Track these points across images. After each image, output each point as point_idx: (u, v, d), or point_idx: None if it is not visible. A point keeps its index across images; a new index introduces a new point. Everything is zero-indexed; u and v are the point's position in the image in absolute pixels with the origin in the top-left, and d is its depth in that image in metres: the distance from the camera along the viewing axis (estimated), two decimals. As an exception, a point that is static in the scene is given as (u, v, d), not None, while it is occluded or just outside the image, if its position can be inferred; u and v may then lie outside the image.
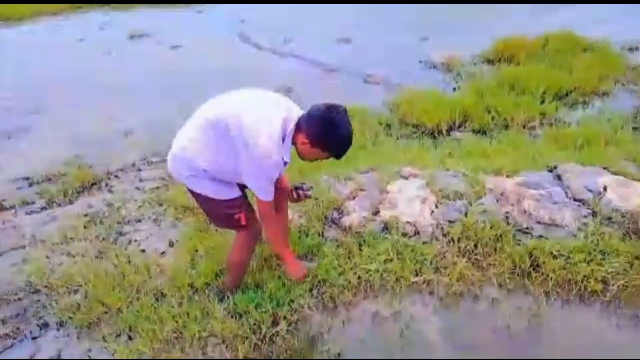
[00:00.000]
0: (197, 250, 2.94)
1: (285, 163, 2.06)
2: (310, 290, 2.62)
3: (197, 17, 10.51)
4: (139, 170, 4.21)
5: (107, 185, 4.01)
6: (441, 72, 6.30)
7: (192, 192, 2.26)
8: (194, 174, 2.14)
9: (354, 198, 3.16)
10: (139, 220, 3.44)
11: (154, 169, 4.20)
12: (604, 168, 3.12)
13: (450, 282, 2.66)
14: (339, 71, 6.59)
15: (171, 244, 3.13)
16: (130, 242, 3.21)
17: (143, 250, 3.10)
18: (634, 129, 4.19)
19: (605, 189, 2.93)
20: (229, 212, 2.26)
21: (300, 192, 2.46)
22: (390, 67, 6.49)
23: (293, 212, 3.12)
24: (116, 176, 4.15)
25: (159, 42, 8.63)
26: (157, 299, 2.63)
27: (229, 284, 2.58)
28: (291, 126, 2.02)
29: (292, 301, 2.52)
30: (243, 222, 2.32)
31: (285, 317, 2.45)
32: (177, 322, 2.45)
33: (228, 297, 2.55)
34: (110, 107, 5.69)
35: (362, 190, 3.23)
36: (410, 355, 2.33)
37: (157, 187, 3.87)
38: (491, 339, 2.39)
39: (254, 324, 2.41)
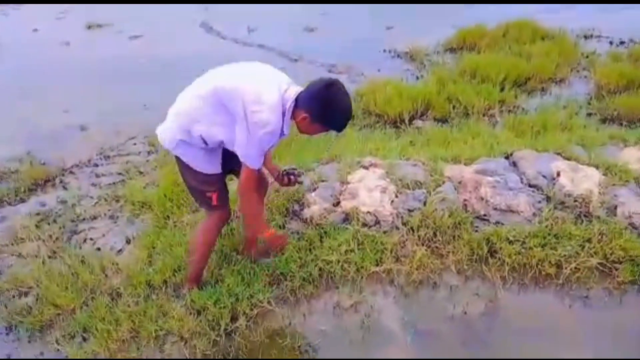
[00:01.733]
0: (154, 247, 2.87)
1: (282, 134, 2.10)
2: (271, 284, 2.60)
3: (158, 6, 10.20)
4: (96, 165, 4.07)
5: (61, 182, 3.87)
6: (405, 62, 6.32)
7: (177, 158, 2.28)
8: (186, 139, 2.15)
9: (314, 189, 3.14)
10: (95, 218, 3.33)
11: (111, 164, 4.08)
12: (558, 154, 3.19)
13: (410, 270, 2.68)
14: (304, 61, 6.53)
15: (128, 241, 3.05)
16: (85, 240, 3.11)
17: (99, 249, 3.01)
18: (588, 114, 4.32)
19: (558, 174, 3.01)
20: (203, 188, 2.28)
21: (292, 177, 2.51)
22: (354, 57, 6.47)
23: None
24: (71, 172, 4.01)
25: (118, 32, 8.35)
26: (112, 299, 2.56)
27: (190, 273, 2.52)
28: (290, 101, 2.06)
29: (252, 296, 2.50)
30: (214, 202, 2.32)
31: (244, 313, 2.43)
32: (133, 321, 2.39)
33: (188, 292, 2.50)
34: (65, 100, 5.47)
35: (323, 181, 3.22)
36: (370, 344, 2.35)
37: (114, 183, 3.76)
38: (448, 325, 2.42)
39: (213, 320, 2.38)
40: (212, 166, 2.27)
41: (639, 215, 2.74)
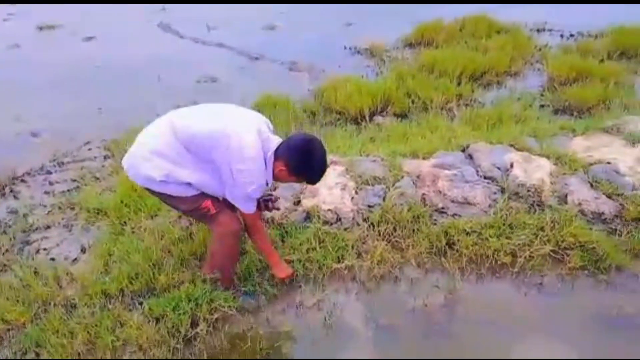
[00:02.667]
0: (111, 255, 2.79)
1: (267, 184, 2.20)
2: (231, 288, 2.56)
3: (113, 7, 9.90)
4: (49, 172, 3.91)
5: (12, 191, 3.69)
6: (365, 58, 6.35)
7: (153, 192, 2.26)
8: (168, 180, 2.15)
9: (275, 189, 3.12)
10: (48, 227, 3.20)
11: (66, 171, 3.93)
12: (511, 145, 3.28)
13: (372, 266, 2.70)
14: (264, 59, 6.47)
15: (83, 250, 2.95)
16: (38, 251, 2.99)
17: (52, 259, 2.90)
18: (541, 106, 4.45)
19: (512, 165, 3.09)
20: (195, 205, 2.26)
21: (270, 204, 2.55)
22: (315, 54, 6.45)
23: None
24: (23, 180, 3.83)
25: (72, 33, 8.06)
26: (67, 311, 2.47)
27: (224, 282, 2.51)
28: (270, 152, 2.15)
29: (212, 301, 2.45)
30: (212, 211, 2.29)
31: (205, 318, 2.38)
32: (89, 332, 2.31)
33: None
34: (15, 105, 5.23)
35: (283, 180, 3.19)
36: (333, 341, 2.35)
37: (69, 190, 3.62)
38: (409, 318, 2.45)
39: (172, 327, 2.33)
40: (193, 189, 2.23)
41: (588, 203, 2.85)
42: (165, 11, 9.06)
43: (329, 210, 2.96)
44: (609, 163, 3.03)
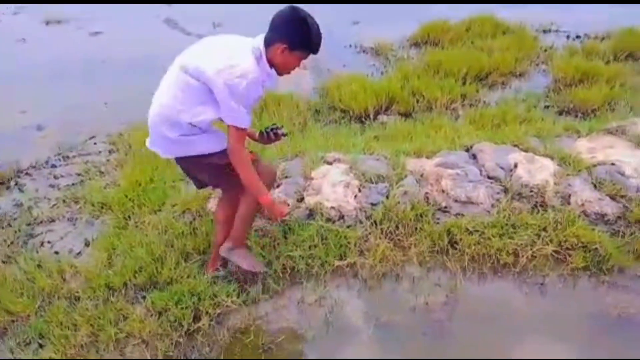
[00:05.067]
0: (114, 249, 2.81)
1: (263, 84, 2.07)
2: (234, 282, 2.58)
3: (120, 2, 9.93)
4: (53, 166, 3.94)
5: (17, 184, 3.72)
6: (370, 57, 6.34)
7: (183, 160, 2.26)
8: (182, 132, 2.12)
9: (278, 186, 3.13)
10: (53, 220, 3.23)
11: (70, 165, 3.95)
12: (515, 146, 3.28)
13: (374, 264, 2.71)
14: (269, 57, 6.47)
15: (87, 244, 2.97)
16: (42, 244, 3.02)
17: (56, 252, 2.92)
18: (546, 107, 4.44)
19: (515, 165, 3.09)
20: (227, 160, 2.16)
21: (278, 132, 2.47)
22: (320, 52, 6.40)
23: (217, 203, 3.05)
24: (27, 174, 3.86)
25: (78, 27, 8.09)
26: (71, 303, 2.49)
27: (237, 240, 2.46)
28: (260, 47, 2.06)
29: (215, 295, 2.47)
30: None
31: (207, 312, 2.40)
32: (92, 325, 2.34)
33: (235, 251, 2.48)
34: (22, 99, 5.25)
35: (286, 177, 3.21)
36: (334, 338, 2.37)
37: (73, 184, 3.65)
38: (410, 316, 2.46)
39: (175, 321, 2.35)
40: (221, 142, 2.19)
41: (591, 203, 2.84)
42: (172, 8, 9.07)
43: (332, 207, 2.97)
44: (613, 164, 3.02)
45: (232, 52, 2.05)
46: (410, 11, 7.97)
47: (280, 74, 2.17)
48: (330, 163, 3.34)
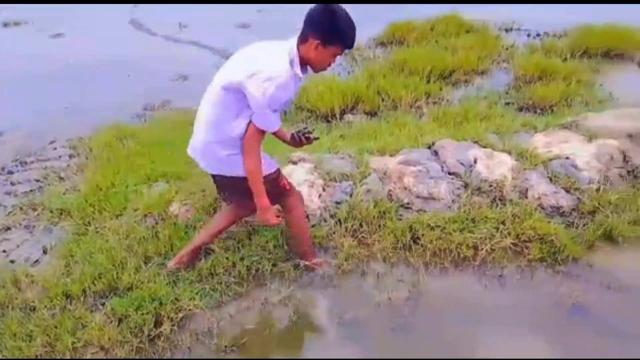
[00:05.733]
0: (73, 256, 2.74)
1: (298, 80, 2.10)
2: (198, 285, 2.55)
3: (83, 2, 9.71)
4: (10, 172, 3.82)
5: (-29, 192, 3.60)
6: (338, 57, 6.37)
7: (224, 177, 2.30)
8: (231, 151, 2.19)
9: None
10: (9, 229, 3.13)
11: (29, 170, 3.84)
12: (475, 142, 3.35)
13: (339, 262, 2.72)
14: (236, 58, 6.43)
15: (45, 251, 2.89)
16: (-3, 253, 2.92)
17: (12, 261, 2.83)
18: (506, 104, 4.55)
19: (475, 161, 3.16)
20: (276, 183, 2.32)
21: (310, 135, 2.52)
22: (288, 53, 6.44)
23: (179, 206, 3.02)
24: (-17, 182, 3.74)
25: (39, 30, 7.88)
26: (25, 314, 2.41)
27: (311, 253, 2.64)
28: (294, 47, 2.07)
29: (177, 299, 2.44)
30: (288, 187, 2.45)
31: (169, 317, 2.37)
32: (48, 335, 2.27)
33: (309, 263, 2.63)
34: (-23, 104, 5.10)
35: (250, 178, 3.19)
36: (298, 337, 2.37)
37: (31, 190, 3.54)
38: (374, 312, 2.48)
39: (135, 327, 2.30)
40: (270, 164, 2.31)
41: (547, 197, 2.93)
42: (137, 9, 8.92)
43: (296, 207, 2.97)
44: (567, 158, 3.12)
45: (263, 57, 2.08)
46: (376, 12, 8.05)
47: (315, 70, 2.17)
48: (295, 163, 3.34)
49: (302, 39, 2.06)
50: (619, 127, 3.34)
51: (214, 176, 2.41)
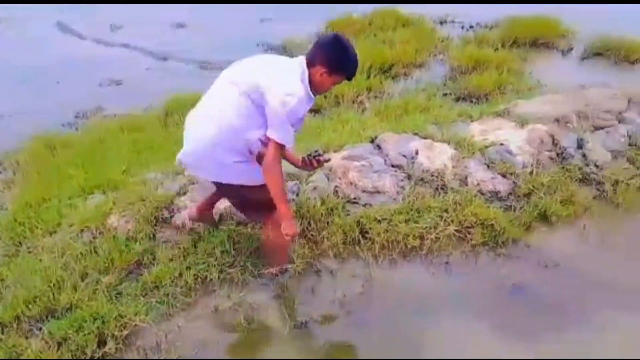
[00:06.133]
0: (3, 280, 2.56)
1: (310, 100, 2.21)
2: (143, 298, 2.45)
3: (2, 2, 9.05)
4: None
5: None
6: (280, 54, 6.31)
7: (230, 187, 2.32)
8: (238, 158, 2.20)
9: (184, 193, 3.03)
10: None
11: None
12: (415, 134, 3.43)
13: (288, 263, 2.70)
14: (173, 59, 6.25)
15: (-28, 277, 2.67)
16: None
17: None
18: (444, 94, 4.69)
19: (416, 153, 3.23)
20: (267, 195, 2.26)
21: (321, 158, 2.58)
22: (229, 52, 6.21)
23: (118, 218, 2.89)
24: None
25: (-48, 36, 7.28)
26: (-48, 349, 2.23)
27: (283, 261, 2.59)
28: (304, 68, 2.18)
29: (121, 316, 2.33)
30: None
31: (113, 335, 2.26)
32: (-22, 368, 2.11)
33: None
34: None
35: (193, 183, 3.10)
36: (251, 343, 2.33)
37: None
38: (328, 311, 2.48)
39: (77, 349, 2.18)
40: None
41: (485, 183, 3.05)
42: (63, 11, 8.42)
43: (243, 210, 2.92)
44: (502, 144, 3.26)
45: (280, 70, 2.19)
46: (316, 8, 8.05)
47: (315, 93, 2.27)
48: (238, 165, 3.27)
49: (311, 63, 2.19)
50: (547, 112, 3.53)
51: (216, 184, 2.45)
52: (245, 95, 2.15)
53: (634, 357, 2.17)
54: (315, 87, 2.23)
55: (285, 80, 2.14)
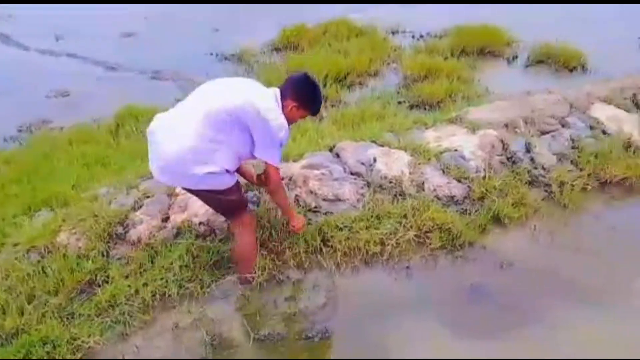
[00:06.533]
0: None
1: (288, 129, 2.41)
2: (97, 319, 2.34)
3: None
4: None
5: None
6: (233, 64, 6.28)
7: (199, 191, 2.39)
8: (214, 170, 2.26)
9: (139, 207, 2.92)
10: None
11: None
12: (373, 141, 3.47)
13: (253, 274, 2.66)
14: (123, 69, 6.06)
15: None
16: None
17: None
18: (399, 102, 4.80)
19: (374, 160, 3.27)
20: (236, 196, 2.43)
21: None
22: (180, 62, 6.21)
23: (68, 236, 2.75)
24: None
25: None
26: None
27: (246, 272, 2.60)
28: (280, 102, 2.38)
29: (74, 339, 2.22)
30: (245, 202, 2.59)
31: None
32: None
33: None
34: None
35: (148, 197, 3.01)
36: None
37: None
38: (291, 322, 2.46)
39: (25, 377, 2.05)
40: (232, 177, 2.40)
41: (441, 188, 3.12)
42: (3, 21, 8.00)
43: (202, 223, 2.86)
44: (456, 150, 3.36)
45: (263, 94, 2.35)
46: (267, 15, 8.05)
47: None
48: (195, 177, 3.20)
49: (282, 97, 2.38)
50: (496, 118, 3.67)
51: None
52: (227, 114, 2.25)
53: (583, 350, 2.27)
54: (287, 117, 2.40)
55: (271, 105, 2.31)
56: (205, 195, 2.43)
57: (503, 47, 5.98)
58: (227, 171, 2.33)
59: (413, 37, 6.92)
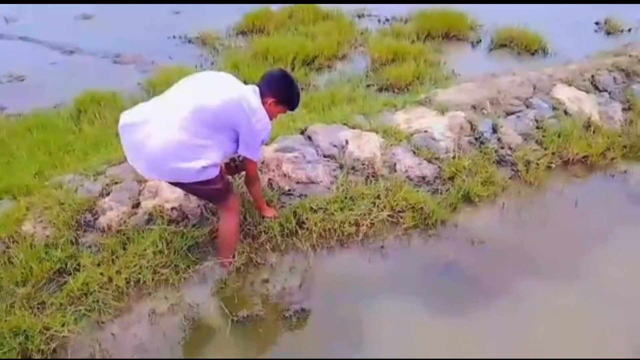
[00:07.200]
0: None
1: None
2: (70, 307, 2.27)
3: None
4: None
5: None
6: (197, 47, 6.12)
7: (186, 183, 2.38)
8: (206, 164, 2.28)
9: (108, 194, 2.84)
10: None
11: None
12: (344, 124, 3.49)
13: (231, 260, 2.64)
14: (82, 52, 5.80)
15: None
16: None
17: None
18: (367, 85, 4.82)
19: (347, 142, 3.29)
20: (221, 184, 2.44)
21: (239, 163, 2.77)
22: (141, 45, 6.00)
23: (34, 224, 2.64)
24: None
25: None
26: None
27: (228, 255, 2.60)
28: (259, 99, 2.41)
29: (46, 329, 2.15)
30: (231, 180, 2.68)
31: (40, 350, 2.08)
32: None
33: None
34: None
35: (117, 183, 2.92)
36: (192, 343, 2.26)
37: None
38: (268, 305, 2.47)
39: (-4, 370, 1.98)
40: (215, 170, 2.38)
41: (413, 169, 3.19)
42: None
43: (174, 208, 2.81)
44: (426, 131, 3.42)
45: (249, 97, 2.36)
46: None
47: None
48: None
49: (261, 94, 2.43)
50: (464, 100, 3.76)
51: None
52: (218, 111, 2.28)
53: (547, 319, 2.39)
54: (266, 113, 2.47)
55: (254, 105, 2.35)
56: (192, 187, 2.42)
57: (467, 31, 6.08)
58: (216, 164, 2.35)
59: (379, 21, 6.93)
